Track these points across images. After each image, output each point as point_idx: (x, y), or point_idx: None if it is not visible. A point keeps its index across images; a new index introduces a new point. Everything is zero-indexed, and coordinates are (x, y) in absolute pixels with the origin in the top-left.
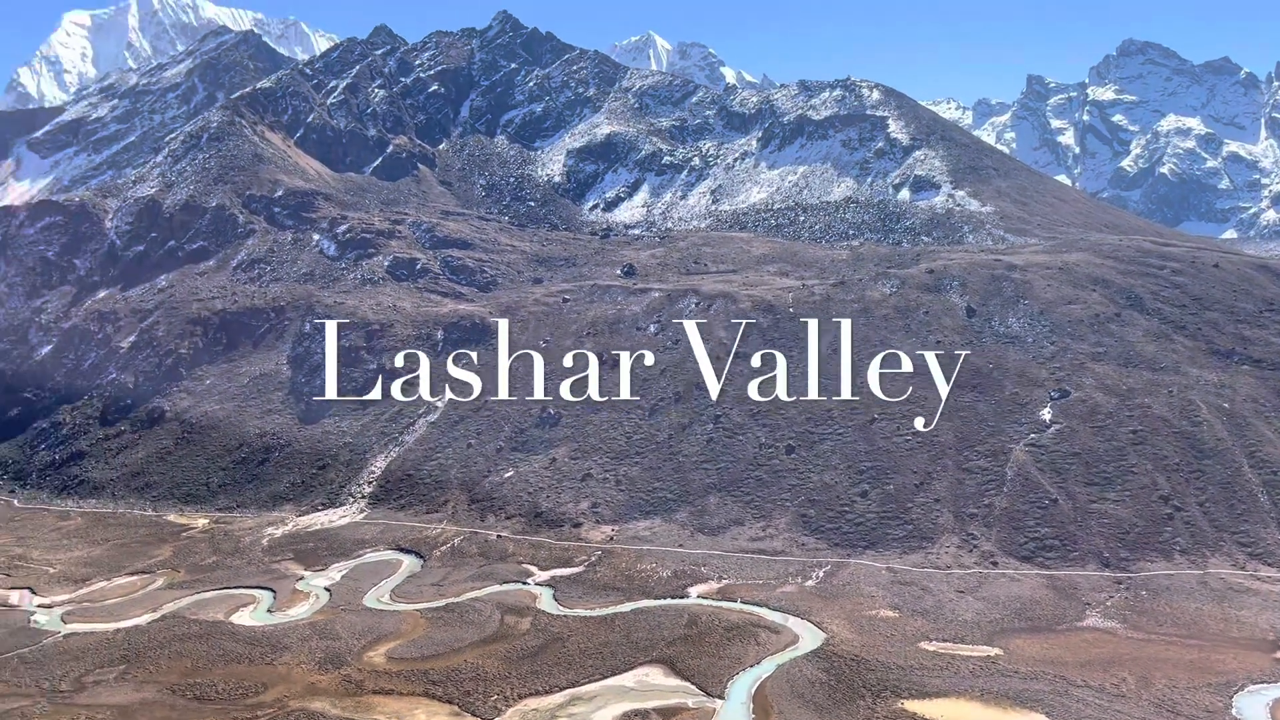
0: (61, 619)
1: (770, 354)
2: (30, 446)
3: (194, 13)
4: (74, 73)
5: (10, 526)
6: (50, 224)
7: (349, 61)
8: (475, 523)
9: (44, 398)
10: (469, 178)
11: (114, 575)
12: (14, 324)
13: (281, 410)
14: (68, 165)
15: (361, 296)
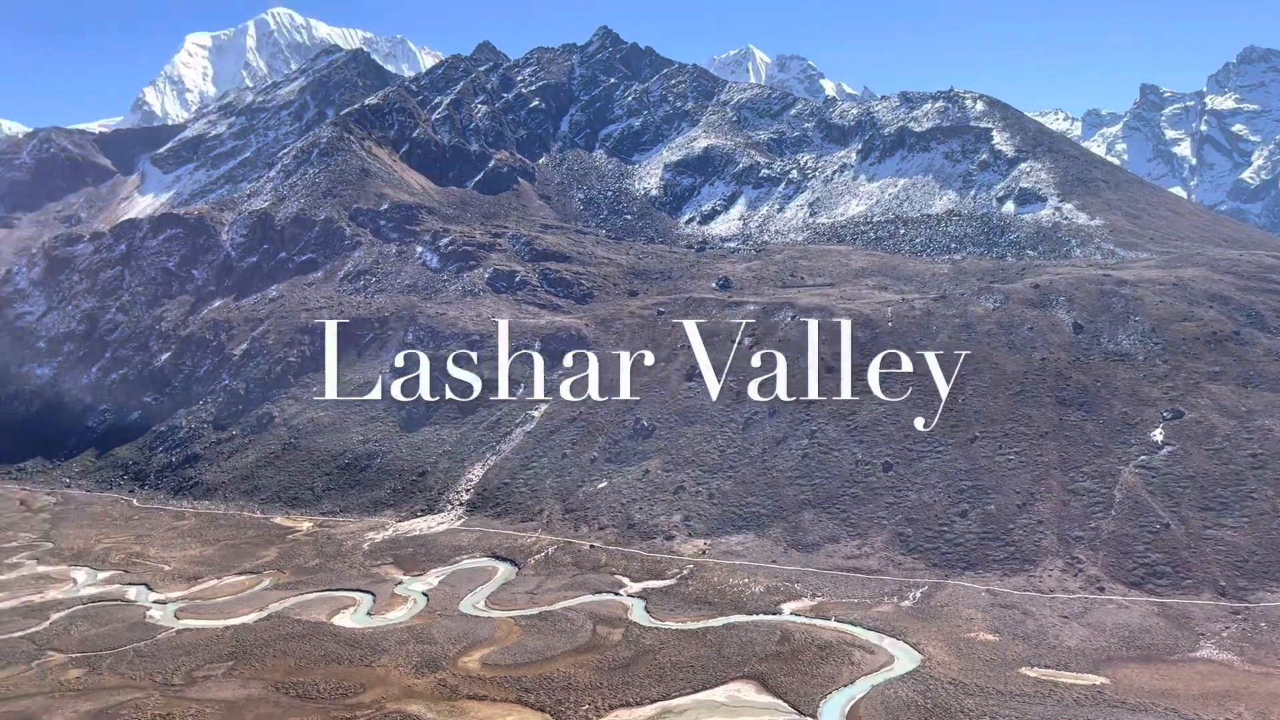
0: (175, 615)
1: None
2: (149, 449)
3: (307, 33)
4: (195, 92)
5: (130, 525)
6: (171, 236)
7: (453, 78)
8: (569, 532)
9: (162, 402)
10: (567, 191)
11: (224, 574)
12: (136, 331)
13: (383, 418)
14: (188, 180)
15: (462, 308)
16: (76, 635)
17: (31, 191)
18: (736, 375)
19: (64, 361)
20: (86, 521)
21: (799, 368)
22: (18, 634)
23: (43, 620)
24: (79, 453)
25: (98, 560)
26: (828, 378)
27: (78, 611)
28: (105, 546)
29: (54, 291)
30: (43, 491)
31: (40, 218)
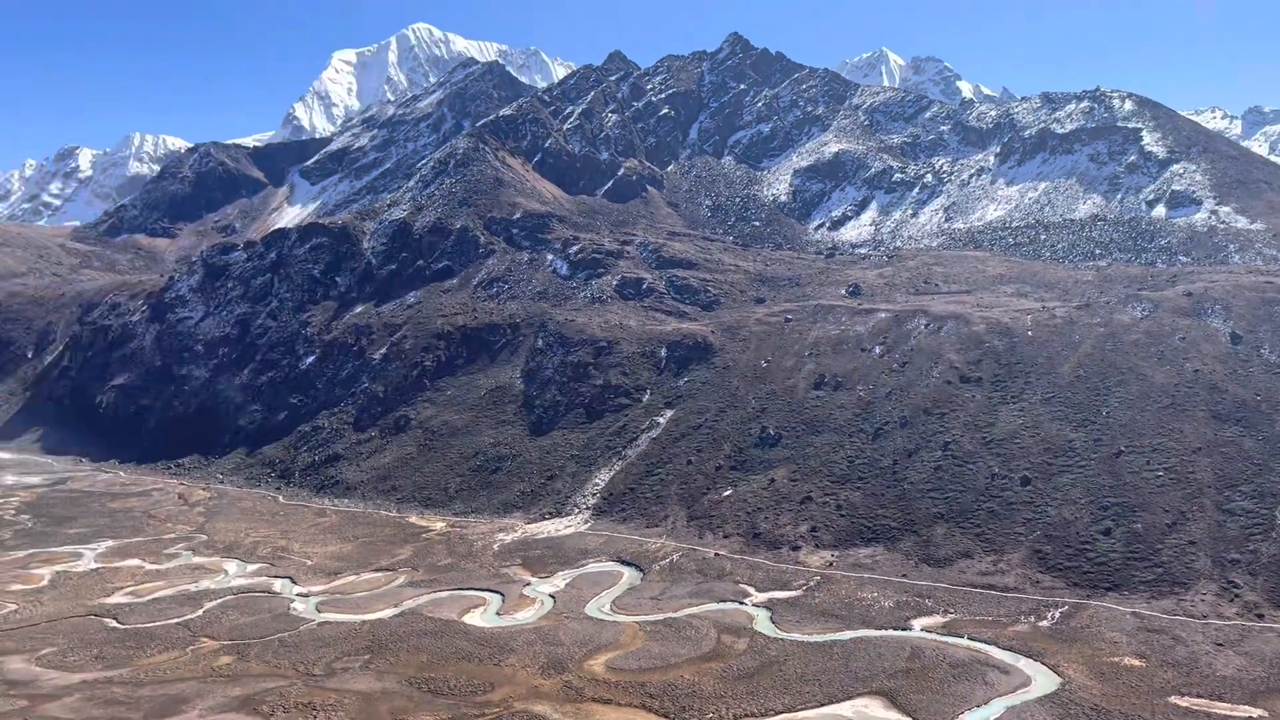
0: (316, 608)
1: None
2: (294, 448)
3: (445, 46)
4: (340, 106)
5: (276, 520)
6: (317, 245)
7: (584, 88)
8: (694, 539)
9: (307, 404)
10: (695, 198)
11: (362, 570)
12: (284, 336)
13: (514, 422)
14: (333, 191)
15: (590, 314)
16: (227, 624)
17: (192, 203)
18: (866, 384)
19: (219, 364)
20: (237, 516)
21: (932, 377)
22: (174, 621)
23: (197, 608)
24: (231, 450)
25: (247, 553)
26: (962, 387)
27: (228, 601)
28: (254, 540)
29: (211, 297)
30: (198, 486)
31: (199, 227)
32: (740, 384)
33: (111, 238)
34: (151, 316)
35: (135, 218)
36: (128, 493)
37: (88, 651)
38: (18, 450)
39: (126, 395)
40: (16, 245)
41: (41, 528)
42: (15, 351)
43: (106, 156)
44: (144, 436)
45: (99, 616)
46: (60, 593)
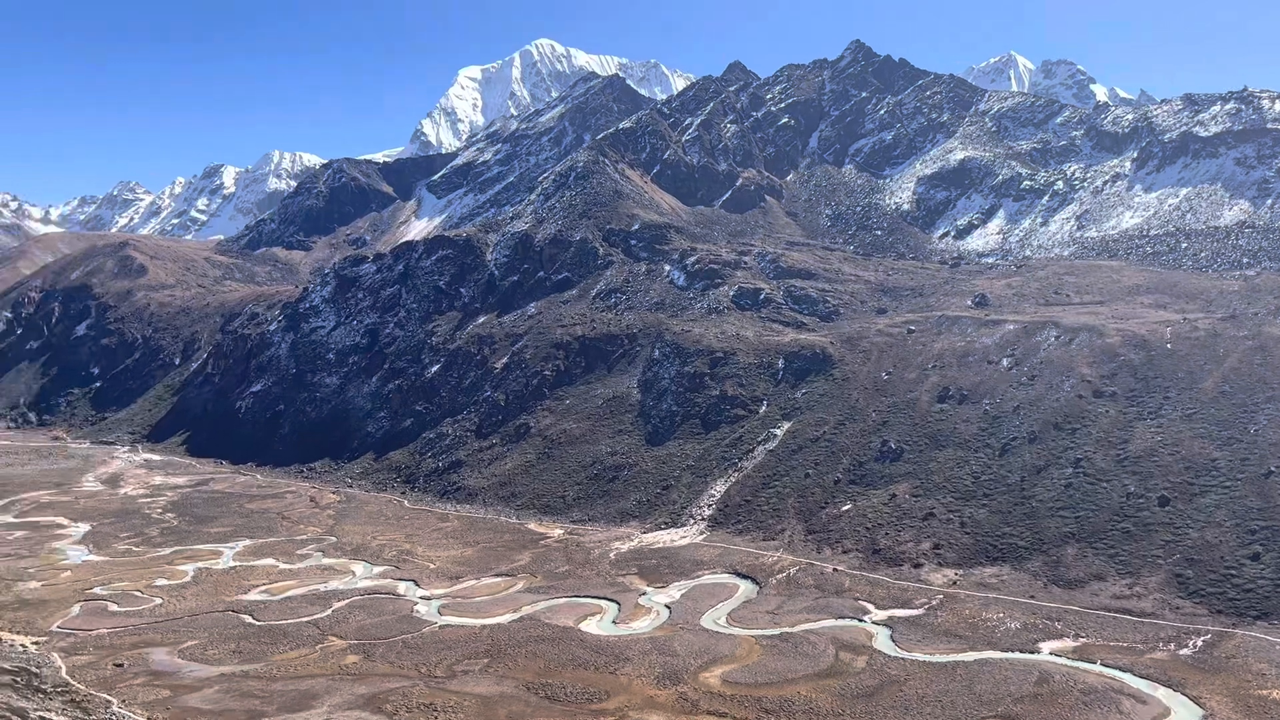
0: (438, 611)
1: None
2: (419, 454)
3: (567, 61)
4: (466, 122)
5: (401, 524)
6: (442, 257)
7: (703, 99)
8: (811, 553)
9: (432, 411)
10: (815, 208)
11: (482, 575)
12: (410, 345)
13: (631, 431)
14: (458, 204)
15: (707, 325)
16: (354, 623)
17: (326, 217)
18: (993, 398)
19: (349, 372)
20: (364, 519)
21: (1063, 391)
22: (305, 619)
23: (326, 608)
24: (360, 455)
25: (373, 555)
26: (1096, 402)
27: (356, 602)
28: (380, 543)
29: (342, 308)
30: (329, 490)
31: (332, 240)
32: (860, 396)
33: (251, 250)
34: (287, 326)
35: (273, 231)
36: (264, 494)
37: (226, 646)
38: (165, 452)
39: (263, 401)
40: (166, 258)
41: (185, 526)
42: (164, 358)
43: (248, 174)
44: (279, 441)
45: (236, 613)
46: (201, 589)
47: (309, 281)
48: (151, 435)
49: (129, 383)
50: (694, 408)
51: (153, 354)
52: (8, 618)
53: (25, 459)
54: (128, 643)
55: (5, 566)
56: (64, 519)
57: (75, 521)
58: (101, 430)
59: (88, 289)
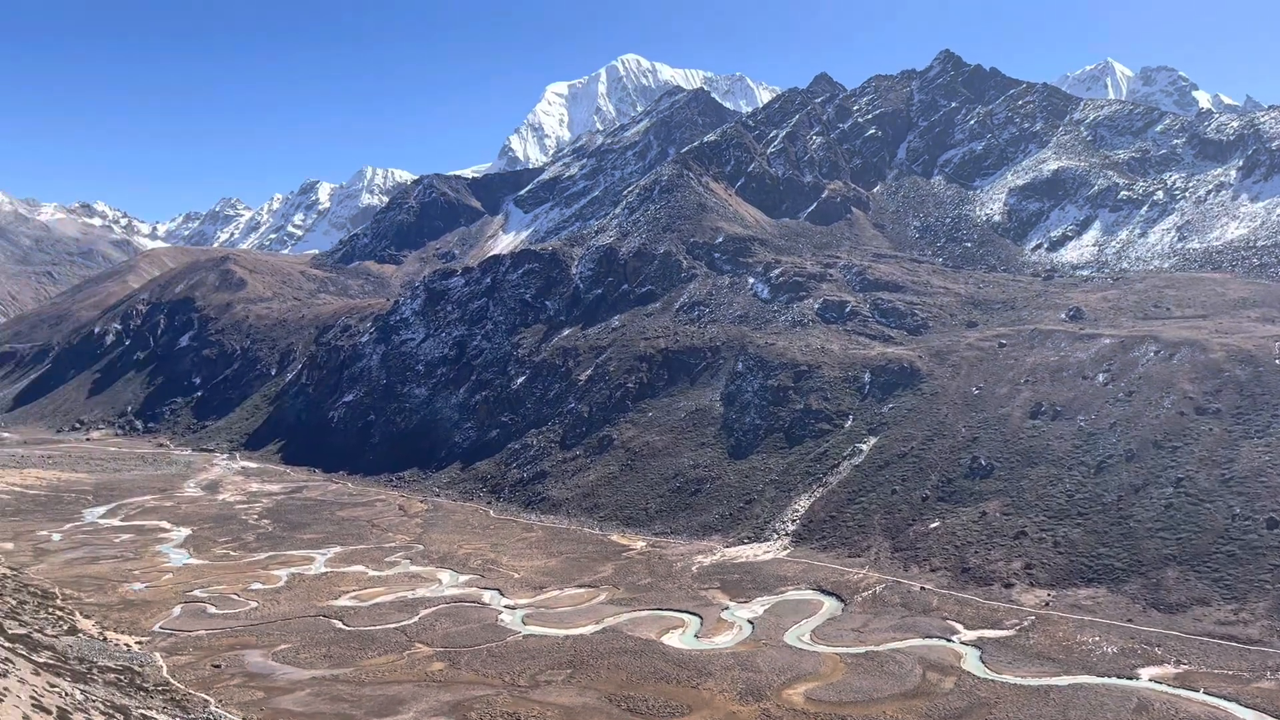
0: (522, 620)
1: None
2: (505, 464)
3: (652, 76)
4: (553, 137)
5: (487, 534)
6: (529, 270)
7: (789, 111)
8: (898, 571)
9: (517, 422)
10: (902, 220)
11: (565, 586)
12: (497, 357)
13: (713, 444)
14: (544, 218)
15: (791, 338)
16: (440, 631)
17: (416, 231)
18: (1088, 414)
19: (437, 383)
20: (451, 528)
21: (1163, 408)
22: (393, 626)
23: (413, 615)
24: (447, 465)
25: (459, 564)
26: (1198, 420)
27: (442, 610)
28: (466, 552)
29: (431, 320)
30: (417, 499)
31: (422, 254)
32: (949, 411)
33: (345, 264)
34: (378, 338)
35: (366, 246)
36: (354, 502)
37: (317, 650)
38: (261, 460)
39: (355, 411)
40: (264, 272)
41: (280, 532)
42: (261, 369)
43: (342, 190)
44: (369, 450)
45: (327, 617)
46: (294, 593)
47: (399, 295)
48: (249, 443)
49: (228, 392)
50: (778, 421)
51: (250, 364)
52: (114, 617)
53: (132, 465)
54: (225, 644)
55: (112, 568)
56: (166, 523)
57: (177, 526)
58: (202, 438)
59: (191, 302)
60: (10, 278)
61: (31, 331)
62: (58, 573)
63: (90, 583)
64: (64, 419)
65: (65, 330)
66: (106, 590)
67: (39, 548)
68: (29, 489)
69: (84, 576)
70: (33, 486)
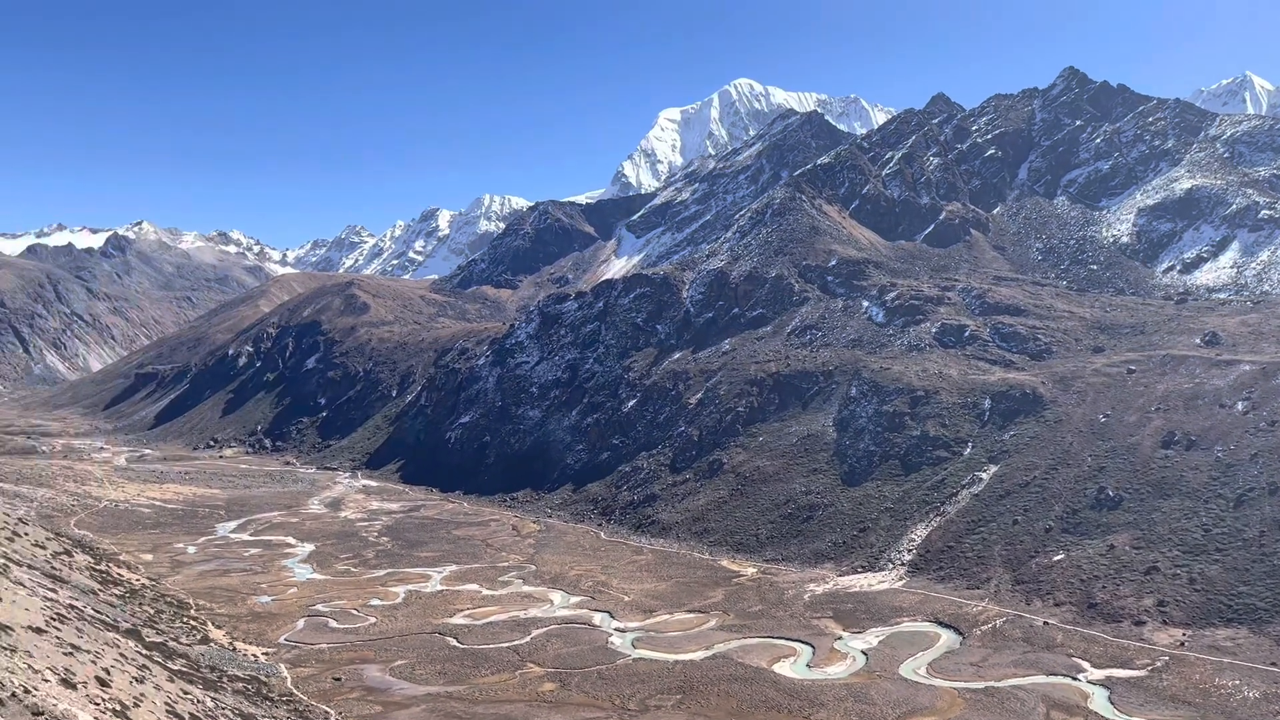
0: (632, 643)
1: None
2: (615, 487)
3: (765, 100)
4: (665, 163)
5: (597, 555)
6: (640, 294)
7: (905, 132)
8: (1019, 605)
9: (628, 445)
10: (1024, 241)
11: (675, 610)
12: (608, 380)
13: (826, 470)
14: (656, 243)
15: (907, 363)
16: (552, 652)
17: (531, 256)
18: (1226, 444)
19: (550, 405)
20: (563, 549)
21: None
22: (505, 645)
23: (525, 635)
24: (559, 486)
25: (570, 585)
26: None
27: (553, 630)
28: (577, 573)
29: (545, 344)
30: (529, 519)
31: (537, 279)
32: (1074, 440)
33: (462, 289)
34: (494, 361)
35: (483, 271)
36: (469, 522)
37: (432, 666)
38: (381, 478)
39: (471, 432)
40: (386, 296)
41: (398, 550)
42: (383, 390)
43: (461, 216)
44: (484, 471)
45: (442, 635)
46: (411, 610)
47: (515, 318)
48: (369, 462)
49: (351, 413)
50: (893, 448)
51: (372, 386)
52: (242, 628)
53: (260, 482)
54: (345, 658)
55: (241, 581)
56: (292, 539)
57: (301, 541)
58: (326, 457)
59: (317, 325)
60: (154, 302)
61: (172, 353)
62: (192, 584)
63: (221, 594)
64: (200, 437)
65: (202, 352)
66: (236, 602)
67: (175, 559)
68: (167, 503)
69: (216, 588)
70: (171, 501)
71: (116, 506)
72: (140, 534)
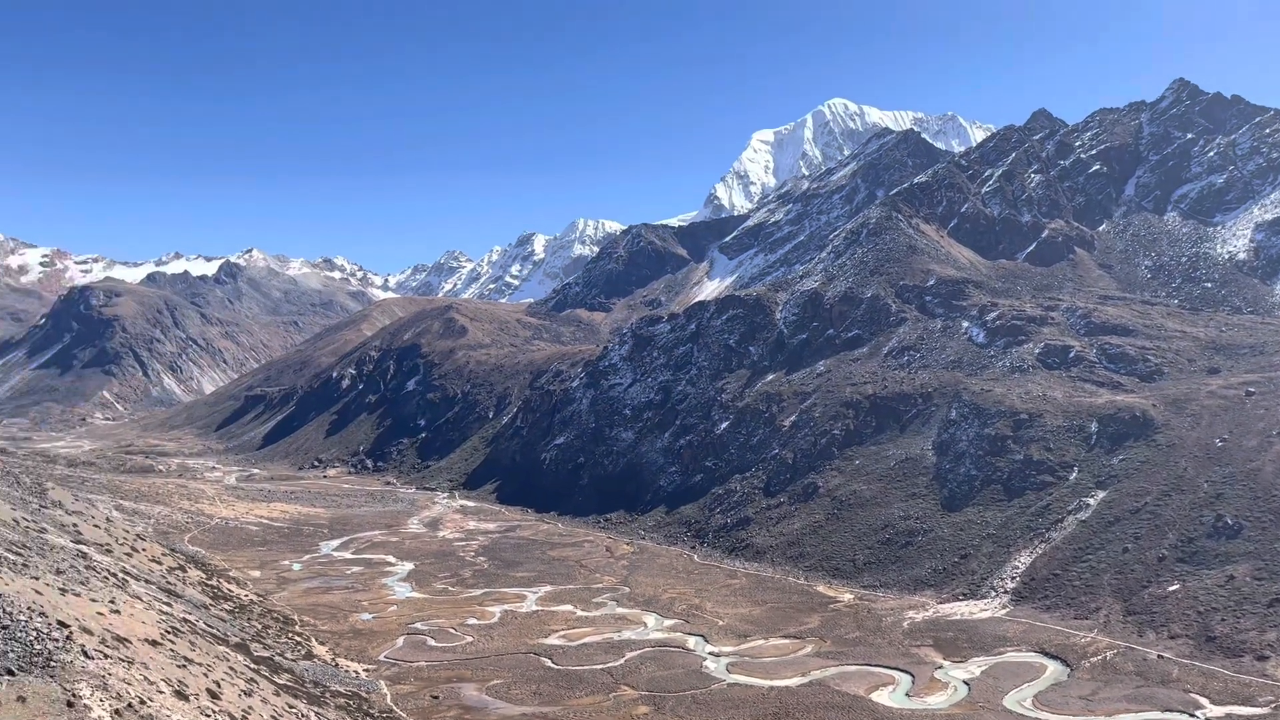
0: (726, 668)
1: None
2: (708, 509)
3: (860, 119)
4: (758, 184)
5: (690, 579)
6: (732, 316)
7: (1004, 149)
8: (1131, 637)
9: (720, 467)
10: (1132, 259)
11: (770, 635)
12: (701, 402)
13: (925, 495)
14: (748, 264)
15: (1009, 385)
16: (645, 675)
17: (624, 279)
18: None
19: (643, 427)
20: (656, 572)
21: None
22: (599, 666)
23: (619, 657)
24: (652, 508)
25: (664, 608)
26: None
27: (647, 653)
28: (670, 596)
29: (638, 365)
30: (623, 541)
31: (629, 302)
32: (1189, 465)
33: (557, 312)
34: (588, 383)
35: (577, 294)
36: (564, 542)
37: (528, 687)
38: (478, 499)
39: (565, 454)
40: (484, 320)
41: (494, 570)
42: (480, 412)
43: (556, 241)
44: (578, 492)
45: (537, 655)
46: (507, 630)
47: (608, 341)
48: (467, 483)
49: (449, 434)
50: (995, 472)
51: (470, 408)
52: (344, 645)
53: (362, 501)
54: (443, 676)
55: (343, 598)
56: (392, 557)
57: (401, 560)
58: (425, 477)
59: (417, 348)
60: (263, 327)
61: (279, 376)
62: (297, 600)
63: (325, 611)
64: (305, 457)
65: (308, 375)
66: (338, 619)
67: (282, 576)
68: (274, 522)
69: (319, 605)
70: (278, 520)
71: (227, 524)
72: (249, 551)
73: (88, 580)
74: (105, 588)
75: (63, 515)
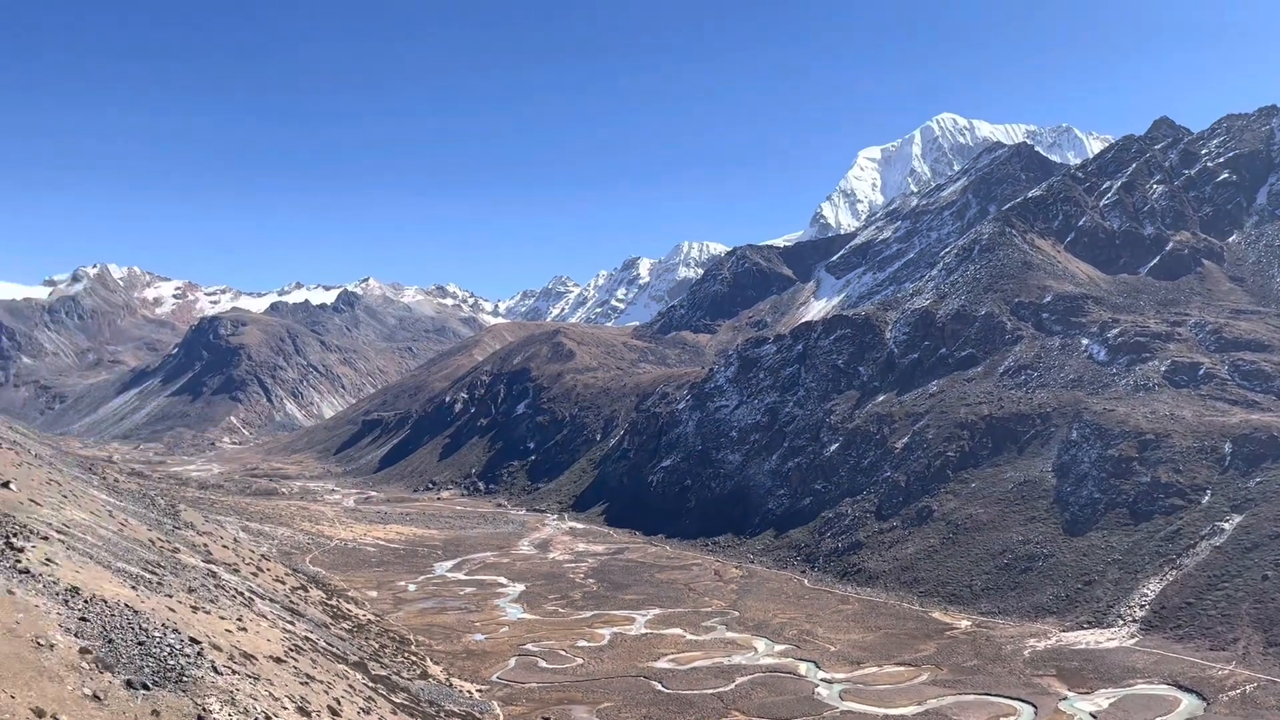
0: (839, 695)
1: None
2: (818, 533)
3: (970, 134)
4: (865, 202)
5: (801, 603)
6: (840, 336)
7: (1124, 160)
8: (1273, 669)
9: (830, 490)
10: (1265, 271)
11: (884, 662)
12: (809, 424)
13: (1045, 519)
14: (856, 283)
15: (1133, 404)
16: (756, 700)
17: (729, 300)
18: None
19: (750, 449)
20: (765, 596)
21: None
22: (709, 691)
23: (729, 682)
24: (760, 532)
25: (774, 633)
26: None
27: (757, 678)
28: (780, 621)
29: (744, 387)
30: (731, 564)
31: (735, 323)
32: None
33: (663, 335)
34: (693, 405)
35: (682, 316)
36: (671, 565)
37: (638, 710)
38: (586, 521)
39: (672, 476)
40: (591, 344)
41: (604, 592)
42: (587, 434)
43: (660, 264)
44: (685, 515)
45: (647, 678)
46: (616, 652)
47: (714, 363)
48: (575, 505)
49: (558, 456)
50: (1120, 495)
51: (578, 430)
52: (458, 665)
53: (474, 523)
54: (554, 698)
55: (457, 619)
56: (503, 579)
57: (512, 581)
58: (535, 499)
59: (526, 372)
60: (378, 353)
61: (395, 401)
62: (412, 620)
63: (439, 631)
64: (419, 480)
65: (422, 399)
66: (452, 639)
67: (398, 597)
68: (390, 543)
69: (434, 625)
70: (394, 541)
71: (345, 545)
72: (366, 571)
73: (217, 598)
74: (233, 606)
75: (194, 536)
